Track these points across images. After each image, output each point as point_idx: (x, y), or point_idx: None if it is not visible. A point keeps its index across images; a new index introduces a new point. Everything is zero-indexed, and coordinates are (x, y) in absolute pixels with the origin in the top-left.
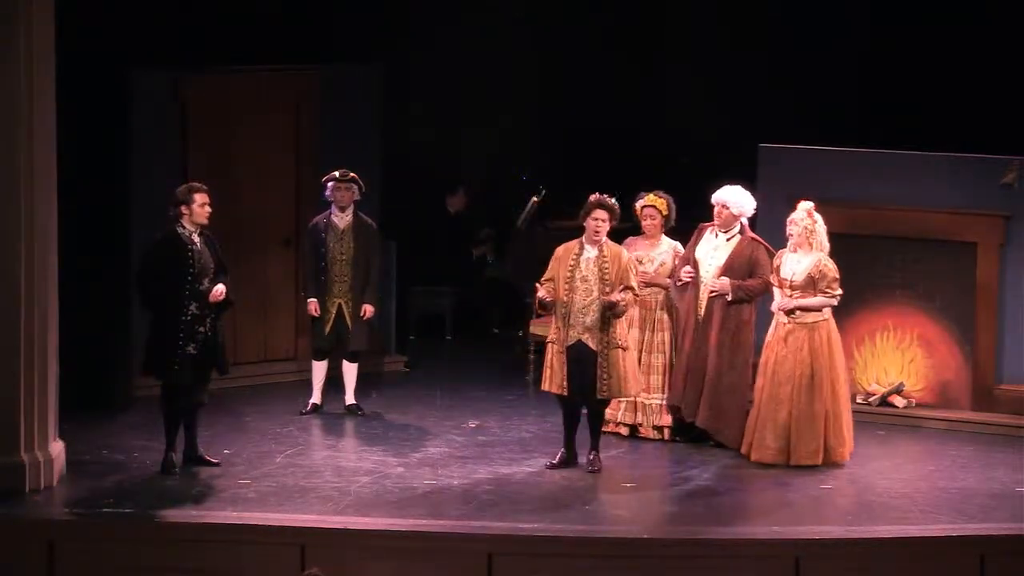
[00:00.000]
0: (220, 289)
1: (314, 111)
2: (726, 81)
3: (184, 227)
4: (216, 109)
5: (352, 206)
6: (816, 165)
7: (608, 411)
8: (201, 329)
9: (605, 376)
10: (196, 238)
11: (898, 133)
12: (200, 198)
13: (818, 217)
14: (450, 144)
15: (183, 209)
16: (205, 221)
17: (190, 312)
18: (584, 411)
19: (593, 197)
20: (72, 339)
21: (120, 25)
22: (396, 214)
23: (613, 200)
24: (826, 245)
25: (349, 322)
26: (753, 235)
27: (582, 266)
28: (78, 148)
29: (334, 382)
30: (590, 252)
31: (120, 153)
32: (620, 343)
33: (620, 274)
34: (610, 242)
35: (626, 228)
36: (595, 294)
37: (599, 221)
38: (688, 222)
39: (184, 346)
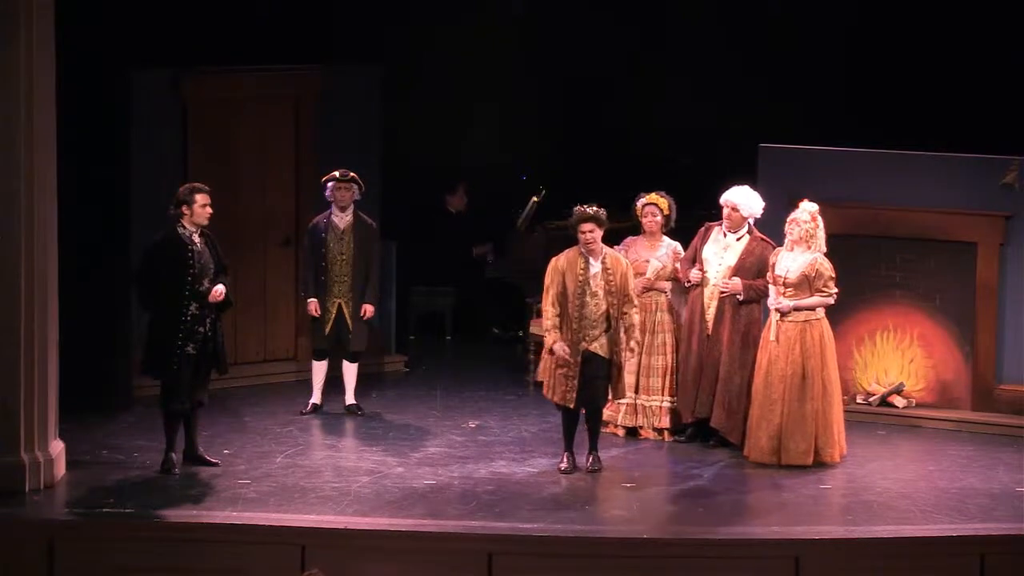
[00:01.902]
0: (220, 290)
1: (314, 111)
2: (726, 81)
3: (184, 227)
4: (216, 109)
5: (352, 206)
6: (816, 165)
7: (608, 413)
8: (200, 329)
9: (614, 381)
10: (196, 238)
11: (898, 133)
12: (202, 199)
13: (820, 219)
14: (450, 144)
15: (184, 209)
16: (205, 222)
17: (190, 312)
18: (583, 412)
19: (577, 210)
20: (72, 339)
21: (120, 25)
22: (396, 214)
23: (595, 208)
24: (823, 247)
25: (349, 322)
26: (761, 235)
27: (591, 282)
28: (78, 148)
29: (334, 382)
30: (596, 266)
31: (120, 153)
32: (626, 346)
33: (622, 282)
34: (609, 251)
35: (626, 228)
36: (604, 307)
37: (587, 233)
38: (689, 222)
39: (183, 346)
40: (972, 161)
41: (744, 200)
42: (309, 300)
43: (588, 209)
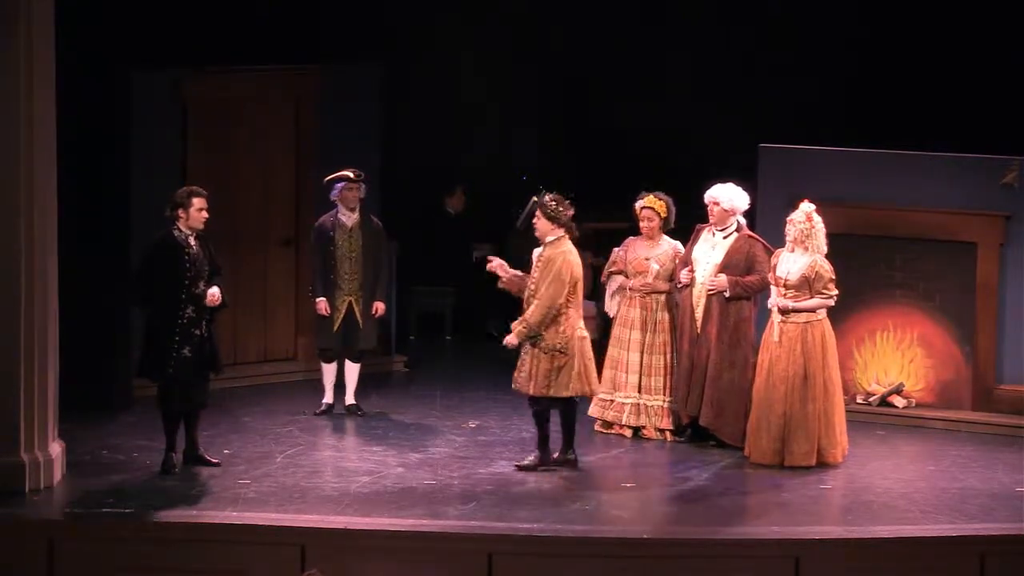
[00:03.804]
0: (215, 293)
1: (314, 111)
2: (726, 81)
3: (180, 230)
4: (216, 109)
5: (359, 205)
6: (816, 165)
7: (612, 413)
8: (197, 331)
9: (521, 367)
10: (192, 241)
11: (898, 133)
12: (198, 202)
13: (817, 220)
14: (450, 144)
15: (180, 212)
16: (201, 226)
17: (186, 315)
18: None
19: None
20: (72, 339)
21: (120, 25)
22: (396, 214)
23: (547, 197)
24: (823, 248)
25: (360, 320)
26: (750, 232)
27: (532, 267)
28: (78, 148)
29: (337, 381)
30: (536, 252)
31: (120, 153)
32: (545, 345)
33: (541, 275)
34: (556, 245)
35: (626, 228)
36: (528, 293)
37: (535, 219)
38: (689, 221)
39: (180, 348)
40: (972, 161)
41: (724, 194)
42: (318, 299)
43: (542, 198)
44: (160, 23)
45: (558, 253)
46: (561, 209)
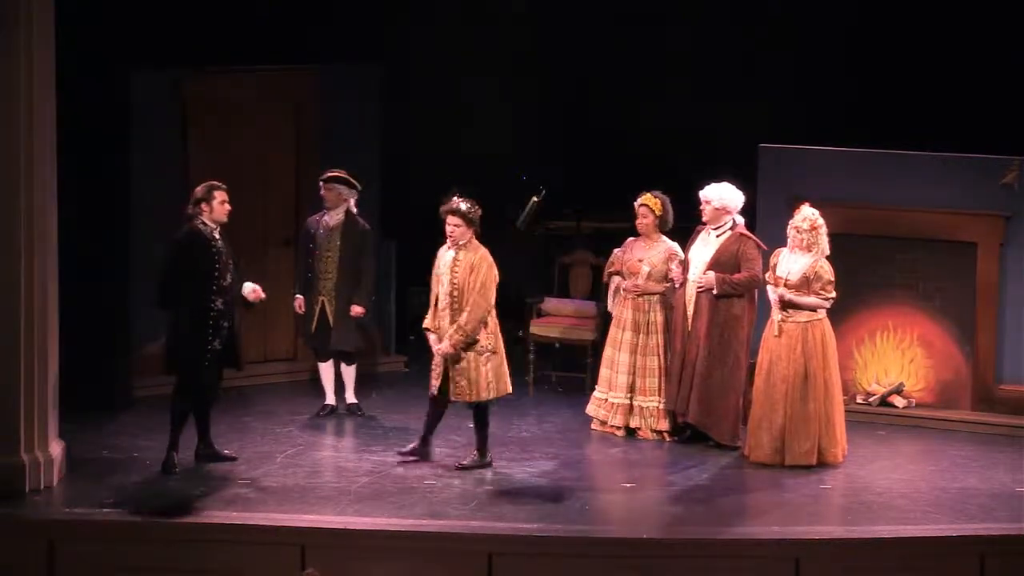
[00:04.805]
0: (257, 289)
1: (314, 111)
2: (726, 81)
3: (205, 223)
4: (216, 109)
5: (344, 206)
6: (816, 165)
7: (603, 413)
8: (225, 324)
9: (458, 378)
10: (217, 234)
11: (898, 133)
12: (220, 195)
13: (822, 225)
14: (450, 144)
15: (203, 207)
16: (225, 219)
17: (216, 307)
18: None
19: (444, 206)
20: (72, 339)
21: (120, 25)
22: (396, 214)
23: (461, 203)
24: (826, 249)
25: (331, 320)
26: (743, 231)
27: (441, 268)
28: (78, 148)
29: (336, 381)
30: (448, 254)
31: (120, 153)
32: (480, 347)
33: (466, 277)
34: (473, 248)
35: (627, 228)
36: (447, 299)
37: (450, 226)
38: (689, 221)
39: (212, 341)
40: (972, 161)
41: (714, 192)
42: (295, 296)
43: (455, 202)
44: (160, 23)
45: (479, 258)
46: (475, 210)
